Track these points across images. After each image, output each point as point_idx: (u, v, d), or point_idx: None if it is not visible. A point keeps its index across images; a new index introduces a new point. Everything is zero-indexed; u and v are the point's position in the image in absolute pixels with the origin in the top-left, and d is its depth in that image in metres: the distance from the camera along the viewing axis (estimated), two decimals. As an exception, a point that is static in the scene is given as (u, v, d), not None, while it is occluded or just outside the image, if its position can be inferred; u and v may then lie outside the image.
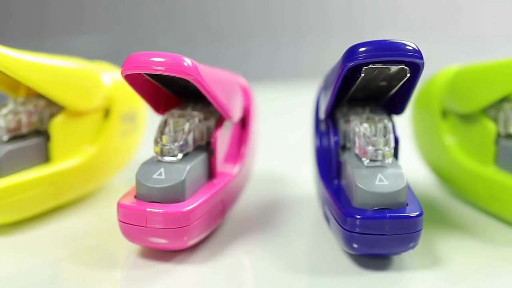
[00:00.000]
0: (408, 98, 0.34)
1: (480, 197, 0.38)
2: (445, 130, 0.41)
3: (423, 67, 0.30)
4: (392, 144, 0.32)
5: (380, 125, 0.33)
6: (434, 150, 0.42)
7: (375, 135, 0.32)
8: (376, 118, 0.34)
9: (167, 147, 0.33)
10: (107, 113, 0.42)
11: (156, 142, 0.33)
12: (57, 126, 0.37)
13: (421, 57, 0.29)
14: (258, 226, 0.37)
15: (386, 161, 0.32)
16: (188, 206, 0.31)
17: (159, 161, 0.33)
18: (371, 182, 0.31)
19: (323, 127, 0.38)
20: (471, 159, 0.39)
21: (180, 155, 0.33)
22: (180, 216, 0.31)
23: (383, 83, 0.34)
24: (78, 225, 0.37)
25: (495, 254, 0.33)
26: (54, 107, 0.38)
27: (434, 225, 0.37)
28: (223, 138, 0.37)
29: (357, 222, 0.30)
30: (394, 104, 0.35)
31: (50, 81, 0.36)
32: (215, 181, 0.35)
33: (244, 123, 0.39)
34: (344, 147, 0.35)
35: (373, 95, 0.36)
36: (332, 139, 0.35)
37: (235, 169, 0.37)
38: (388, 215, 0.30)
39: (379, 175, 0.31)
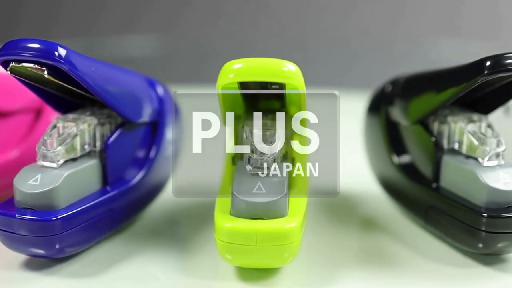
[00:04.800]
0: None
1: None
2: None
3: (69, 69, 0.29)
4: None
5: None
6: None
7: None
8: None
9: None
10: None
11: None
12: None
13: (51, 58, 0.29)
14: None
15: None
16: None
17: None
18: (25, 182, 0.31)
19: None
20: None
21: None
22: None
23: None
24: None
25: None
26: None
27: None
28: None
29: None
30: None
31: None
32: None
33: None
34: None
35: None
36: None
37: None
38: (16, 214, 0.30)
39: (37, 176, 0.31)
